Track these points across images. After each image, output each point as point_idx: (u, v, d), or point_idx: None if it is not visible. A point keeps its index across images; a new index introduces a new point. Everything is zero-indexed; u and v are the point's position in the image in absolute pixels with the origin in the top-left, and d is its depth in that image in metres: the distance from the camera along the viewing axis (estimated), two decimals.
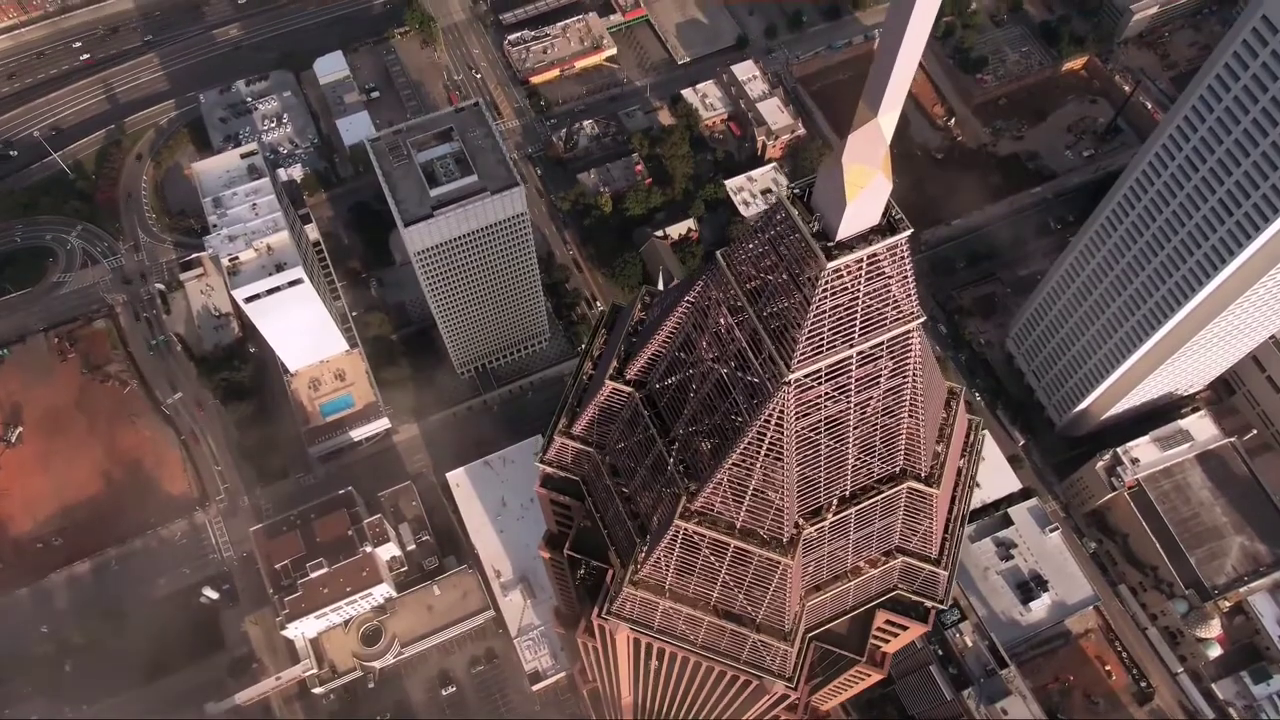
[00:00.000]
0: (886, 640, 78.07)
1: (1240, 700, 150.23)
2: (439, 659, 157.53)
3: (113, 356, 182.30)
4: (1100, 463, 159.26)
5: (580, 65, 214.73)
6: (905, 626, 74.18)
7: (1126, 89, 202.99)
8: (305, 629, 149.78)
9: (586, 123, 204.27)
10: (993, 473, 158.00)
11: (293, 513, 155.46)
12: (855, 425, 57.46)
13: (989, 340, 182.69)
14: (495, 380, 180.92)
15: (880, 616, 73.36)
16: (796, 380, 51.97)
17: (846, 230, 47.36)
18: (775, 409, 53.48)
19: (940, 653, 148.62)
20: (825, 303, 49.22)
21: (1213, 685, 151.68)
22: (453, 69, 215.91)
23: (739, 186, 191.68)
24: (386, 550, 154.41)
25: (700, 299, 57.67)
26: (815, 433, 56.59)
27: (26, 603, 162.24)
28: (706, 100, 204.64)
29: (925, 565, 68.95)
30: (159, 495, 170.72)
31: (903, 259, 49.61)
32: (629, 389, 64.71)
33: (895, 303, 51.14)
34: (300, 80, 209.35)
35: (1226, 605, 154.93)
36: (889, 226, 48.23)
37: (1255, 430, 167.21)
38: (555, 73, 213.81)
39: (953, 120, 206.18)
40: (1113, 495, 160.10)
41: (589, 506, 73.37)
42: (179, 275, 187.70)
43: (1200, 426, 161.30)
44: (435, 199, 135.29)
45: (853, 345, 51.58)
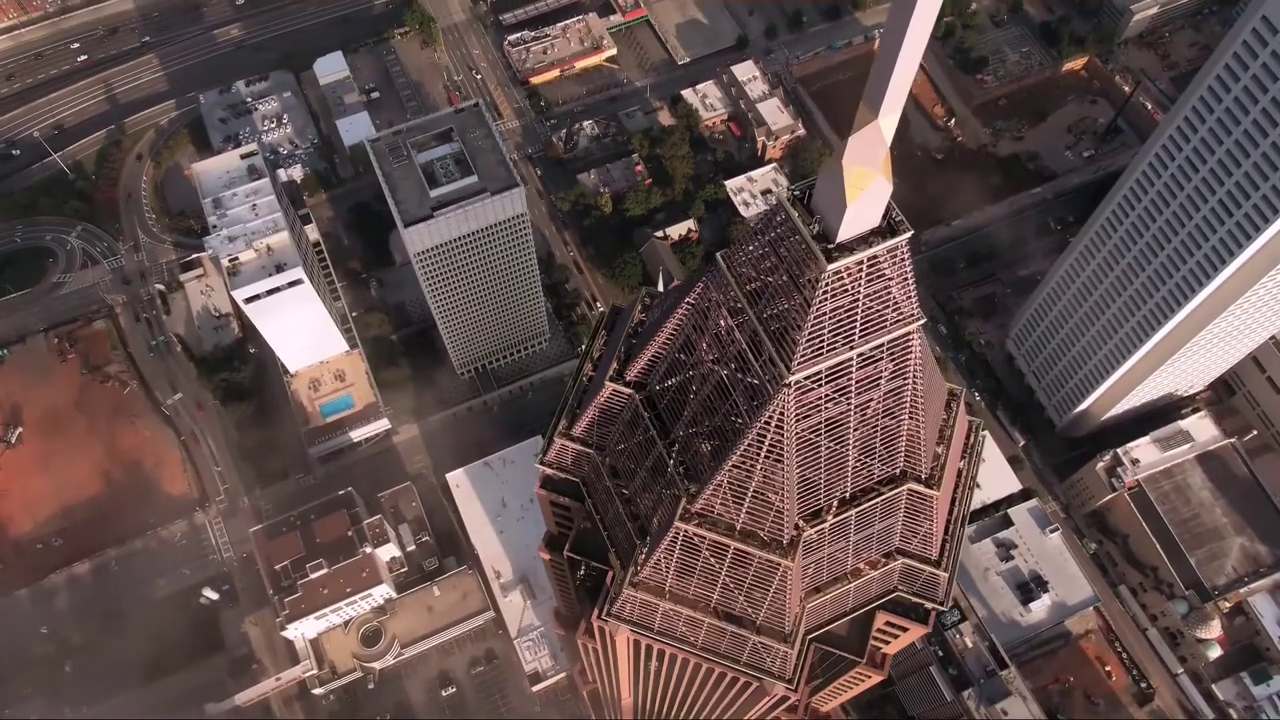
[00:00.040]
0: (887, 642, 78.06)
1: (1240, 701, 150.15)
2: (439, 660, 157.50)
3: (112, 357, 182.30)
4: (1100, 463, 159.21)
5: (580, 66, 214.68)
6: (905, 628, 74.18)
7: (1127, 89, 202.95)
8: (305, 630, 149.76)
9: (586, 123, 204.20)
10: (993, 473, 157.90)
11: (293, 513, 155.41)
12: (855, 427, 57.43)
13: (989, 341, 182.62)
14: (495, 381, 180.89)
15: (880, 618, 73.37)
16: (797, 382, 51.94)
17: (847, 232, 47.33)
18: (775, 411, 53.44)
19: (940, 653, 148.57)
20: (825, 305, 49.18)
21: (1213, 686, 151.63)
22: (453, 69, 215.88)
23: (739, 187, 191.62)
24: (386, 551, 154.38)
25: (700, 300, 57.62)
26: (815, 435, 56.56)
27: (26, 603, 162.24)
28: (706, 101, 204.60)
29: (925, 567, 68.94)
30: (159, 496, 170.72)
31: (903, 261, 49.59)
32: (629, 391, 64.68)
33: (895, 304, 51.10)
34: (300, 81, 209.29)
35: (1227, 606, 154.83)
36: (889, 228, 48.19)
37: (1255, 431, 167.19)
38: (555, 73, 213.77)
39: (953, 121, 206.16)
40: (1113, 496, 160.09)
41: (589, 508, 73.32)
42: (179, 276, 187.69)
43: (1200, 427, 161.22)
44: (435, 200, 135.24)
45: (853, 347, 51.55)
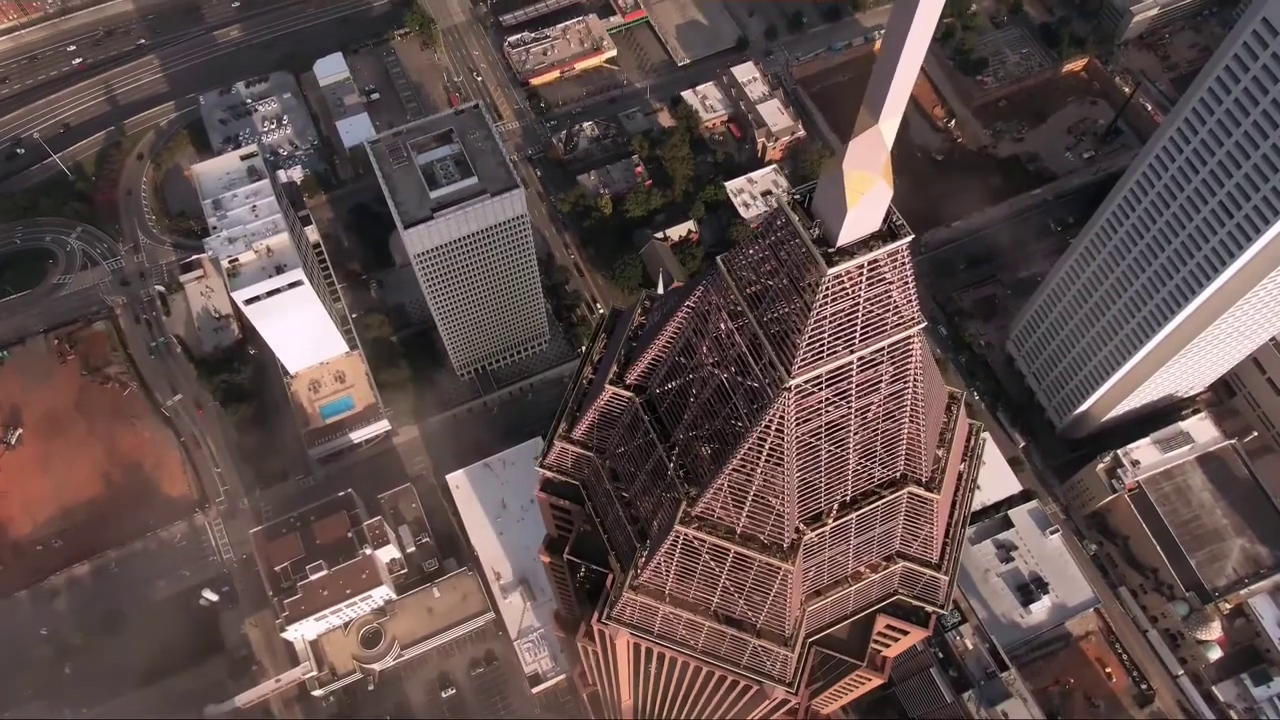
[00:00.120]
0: (887, 645, 78.02)
1: (1241, 702, 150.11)
2: (439, 661, 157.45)
3: (112, 358, 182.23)
4: (1101, 465, 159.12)
5: (580, 67, 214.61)
6: (906, 631, 74.11)
7: (1127, 90, 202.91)
8: (305, 631, 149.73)
9: (586, 124, 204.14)
10: (993, 475, 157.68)
11: (293, 515, 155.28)
12: (856, 430, 57.38)
13: (989, 342, 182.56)
14: (495, 382, 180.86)
15: (881, 621, 73.34)
16: (797, 386, 51.89)
17: (847, 236, 47.30)
18: (776, 414, 53.41)
19: (941, 655, 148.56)
20: (826, 308, 49.15)
21: (1213, 687, 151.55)
22: (453, 71, 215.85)
23: (739, 188, 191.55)
24: (386, 552, 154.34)
25: (701, 304, 57.60)
26: (816, 438, 56.53)
27: (26, 605, 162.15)
28: (706, 102, 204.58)
29: (926, 570, 68.88)
30: (159, 497, 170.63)
31: (903, 264, 49.55)
32: (629, 394, 64.64)
33: (896, 308, 51.08)
34: (300, 82, 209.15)
35: (1227, 607, 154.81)
36: (890, 232, 48.18)
37: (1256, 432, 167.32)
38: (555, 74, 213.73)
39: (953, 122, 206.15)
40: (1113, 497, 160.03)
41: (589, 511, 73.27)
42: (179, 277, 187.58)
43: (1201, 429, 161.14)
44: (435, 201, 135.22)
45: (853, 351, 51.53)
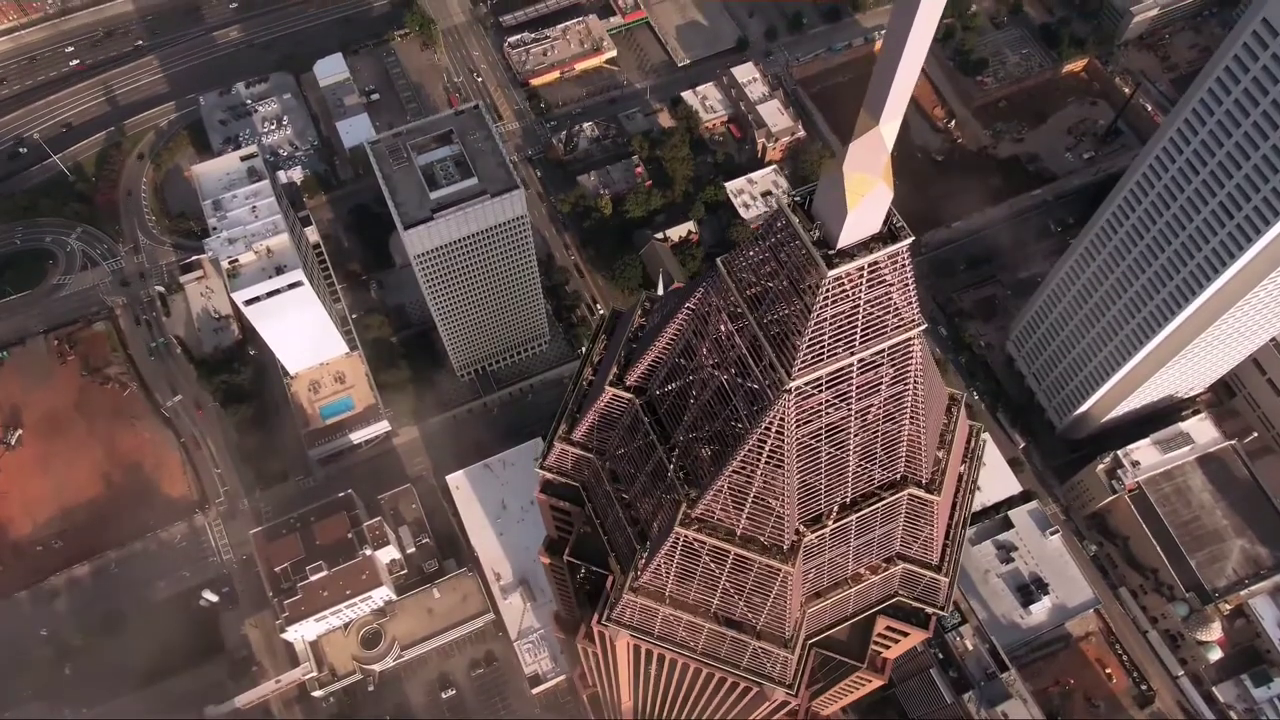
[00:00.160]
0: (887, 646, 78.00)
1: (1241, 703, 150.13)
2: (439, 662, 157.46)
3: (112, 359, 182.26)
4: (1101, 465, 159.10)
5: (580, 67, 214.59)
6: (906, 633, 74.08)
7: (1127, 91, 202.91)
8: (305, 632, 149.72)
9: (586, 125, 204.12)
10: (993, 475, 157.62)
11: (292, 515, 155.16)
12: (856, 432, 57.36)
13: (989, 343, 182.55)
14: (495, 383, 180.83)
15: (881, 623, 73.33)
16: (797, 388, 51.86)
17: (847, 238, 47.26)
18: (776, 416, 53.37)
19: (941, 656, 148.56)
20: (826, 310, 49.11)
21: (1213, 688, 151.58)
22: (453, 71, 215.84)
23: (739, 189, 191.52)
24: (386, 553, 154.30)
25: (701, 305, 57.57)
26: (816, 440, 56.51)
27: (26, 605, 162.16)
28: (706, 102, 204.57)
29: (926, 572, 68.83)
30: (159, 498, 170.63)
31: (904, 266, 49.50)
32: (629, 395, 64.63)
33: (896, 310, 51.05)
34: (300, 82, 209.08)
35: (1227, 608, 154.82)
36: (890, 234, 48.12)
37: (1256, 433, 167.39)
38: (555, 75, 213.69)
39: (953, 122, 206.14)
40: (1113, 498, 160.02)
41: (589, 512, 73.26)
42: (179, 278, 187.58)
43: (1201, 429, 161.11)
44: (435, 202, 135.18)
45: (854, 353, 51.50)
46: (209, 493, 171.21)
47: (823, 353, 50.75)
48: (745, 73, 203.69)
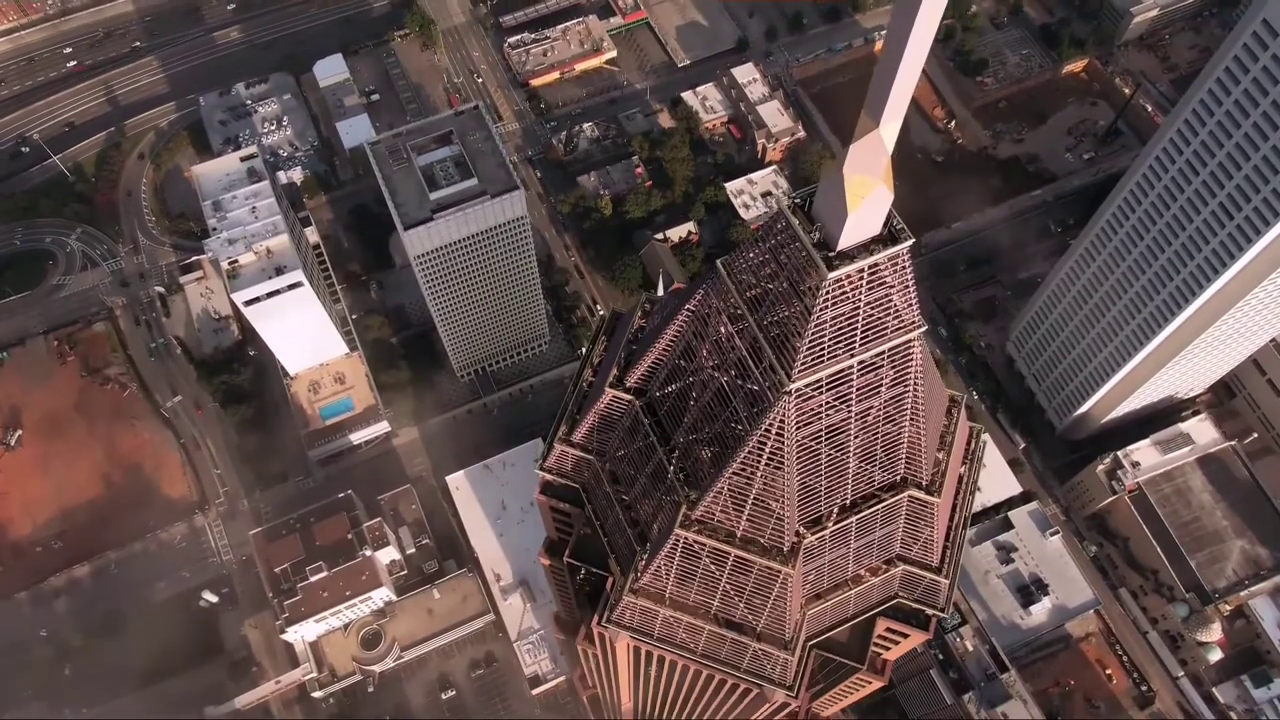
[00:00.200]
0: (887, 648, 77.92)
1: (1241, 704, 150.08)
2: (439, 663, 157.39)
3: (112, 359, 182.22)
4: (1101, 466, 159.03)
5: (580, 68, 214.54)
6: (906, 634, 74.03)
7: (1127, 92, 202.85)
8: (305, 633, 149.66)
9: (586, 125, 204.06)
10: (993, 476, 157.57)
11: (292, 516, 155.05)
12: (856, 434, 57.31)
13: (989, 343, 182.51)
14: (495, 383, 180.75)
15: (881, 624, 73.27)
16: (797, 389, 51.81)
17: (847, 240, 47.22)
18: (776, 418, 53.32)
19: (941, 657, 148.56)
20: (826, 312, 49.08)
21: (1213, 689, 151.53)
22: (453, 72, 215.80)
23: (739, 189, 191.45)
24: (386, 554, 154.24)
25: (701, 307, 57.53)
26: (816, 441, 56.48)
27: (26, 606, 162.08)
28: (706, 103, 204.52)
29: (926, 574, 68.76)
30: (158, 498, 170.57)
31: (904, 268, 49.47)
32: (629, 396, 64.58)
33: (896, 312, 51.02)
34: (300, 83, 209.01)
35: (1227, 609, 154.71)
36: (890, 236, 48.07)
37: (1256, 434, 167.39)
38: (555, 75, 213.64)
39: (953, 123, 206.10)
40: (1113, 499, 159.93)
41: (589, 514, 73.22)
42: (178, 278, 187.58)
43: (1201, 430, 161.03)
44: (435, 202, 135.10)
45: (854, 355, 51.47)
46: (209, 493, 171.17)
47: (823, 355, 50.72)
48: (745, 73, 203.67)
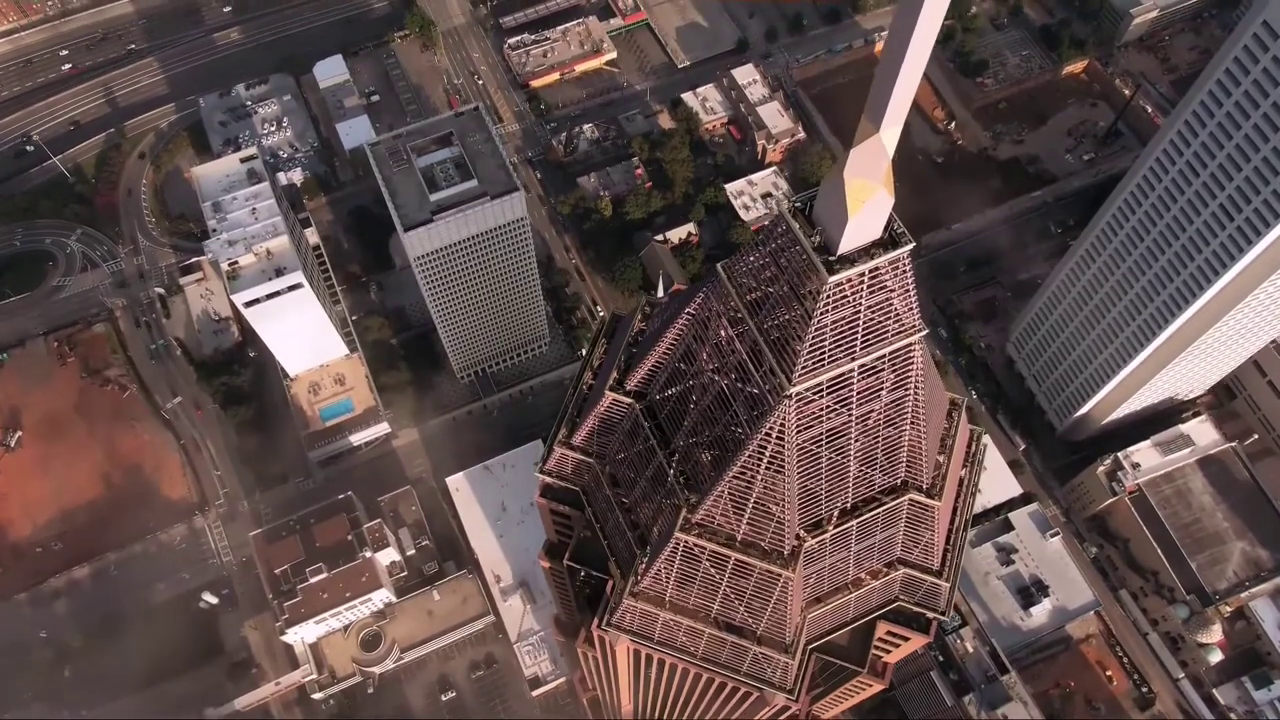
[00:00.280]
0: (888, 651, 77.85)
1: (1241, 705, 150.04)
2: (439, 664, 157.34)
3: (112, 361, 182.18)
4: (1101, 467, 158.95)
5: (580, 69, 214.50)
6: (907, 637, 73.94)
7: (1127, 93, 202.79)
8: (305, 634, 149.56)
9: (586, 126, 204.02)
10: (993, 478, 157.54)
11: (292, 517, 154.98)
12: (857, 438, 57.22)
13: (989, 345, 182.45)
14: (495, 385, 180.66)
15: (881, 628, 73.18)
16: (798, 393, 51.73)
17: (848, 244, 47.15)
18: (776, 422, 53.24)
19: (941, 659, 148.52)
20: (826, 316, 49.03)
21: (1214, 690, 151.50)
22: (453, 73, 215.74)
23: (739, 190, 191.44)
24: (386, 555, 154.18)
25: (701, 310, 57.46)
26: (817, 445, 56.38)
27: (25, 607, 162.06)
28: (706, 104, 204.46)
29: (927, 577, 68.68)
30: (158, 500, 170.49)
31: (904, 272, 49.41)
32: (629, 400, 64.50)
33: (897, 316, 50.96)
34: (300, 84, 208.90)
35: (1228, 610, 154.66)
36: (891, 240, 48.04)
37: (1256, 435, 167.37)
38: (555, 76, 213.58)
39: (953, 124, 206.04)
40: (1114, 500, 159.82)
41: (589, 517, 73.14)
42: (178, 279, 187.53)
43: (1201, 431, 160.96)
44: (435, 204, 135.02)
45: (854, 359, 51.41)
46: (209, 495, 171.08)
47: (823, 358, 50.66)
48: (745, 74, 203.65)
